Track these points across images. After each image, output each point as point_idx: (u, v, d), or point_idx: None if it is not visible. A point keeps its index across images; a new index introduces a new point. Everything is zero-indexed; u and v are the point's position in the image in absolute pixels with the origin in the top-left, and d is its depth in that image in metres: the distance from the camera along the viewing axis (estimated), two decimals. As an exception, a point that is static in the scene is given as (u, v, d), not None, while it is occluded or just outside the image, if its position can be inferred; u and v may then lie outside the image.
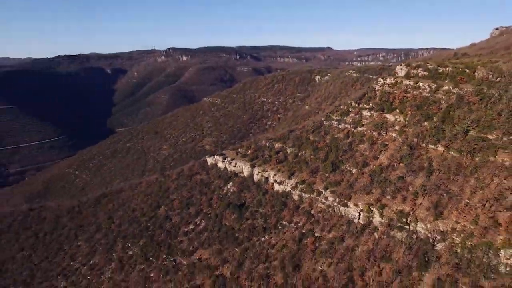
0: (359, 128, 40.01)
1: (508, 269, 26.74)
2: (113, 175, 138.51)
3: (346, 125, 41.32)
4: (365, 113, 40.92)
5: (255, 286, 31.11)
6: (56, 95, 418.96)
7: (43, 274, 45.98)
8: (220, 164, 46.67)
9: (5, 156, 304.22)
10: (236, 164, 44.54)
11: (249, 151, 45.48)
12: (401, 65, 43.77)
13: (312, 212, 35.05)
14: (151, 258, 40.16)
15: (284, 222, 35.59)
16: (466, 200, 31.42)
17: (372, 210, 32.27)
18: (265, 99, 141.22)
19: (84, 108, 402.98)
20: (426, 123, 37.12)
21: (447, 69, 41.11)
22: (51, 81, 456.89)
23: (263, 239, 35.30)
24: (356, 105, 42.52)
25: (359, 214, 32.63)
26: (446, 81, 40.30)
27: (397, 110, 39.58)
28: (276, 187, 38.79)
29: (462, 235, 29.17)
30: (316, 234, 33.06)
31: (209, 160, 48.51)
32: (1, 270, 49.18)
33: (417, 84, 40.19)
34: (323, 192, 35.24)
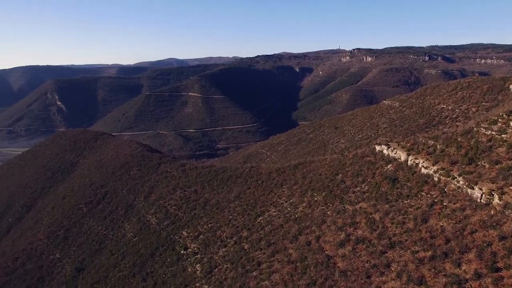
0: (502, 135, 50.13)
1: None
2: (296, 159, 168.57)
3: (491, 132, 51.89)
4: (512, 124, 50.63)
5: (394, 226, 48.76)
6: (255, 89, 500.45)
7: (261, 203, 75.71)
8: (384, 151, 64.36)
9: (216, 134, 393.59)
10: (396, 152, 61.37)
11: (408, 144, 61.24)
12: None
13: (445, 189, 49.18)
14: (328, 203, 62.45)
15: (422, 193, 51.00)
16: None
17: (493, 194, 44.13)
18: (444, 106, 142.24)
19: (275, 101, 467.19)
20: None
21: None
22: (251, 77, 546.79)
23: (405, 201, 51.90)
24: (506, 117, 52.16)
25: (481, 195, 45.03)
26: None
27: (543, 125, 47.89)
28: (423, 170, 54.00)
29: None
30: (444, 203, 47.46)
31: (377, 147, 66.80)
32: (239, 196, 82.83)
33: None
34: (457, 177, 48.62)
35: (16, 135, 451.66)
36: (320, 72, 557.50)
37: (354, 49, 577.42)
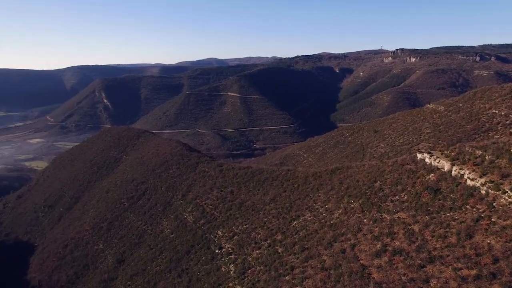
0: (561, 148, 46.40)
1: None
2: (333, 163, 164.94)
3: (549, 144, 48.16)
4: None
5: (434, 239, 46.64)
6: (293, 89, 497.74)
7: (296, 207, 75.45)
8: (426, 160, 61.66)
9: (254, 134, 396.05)
10: (439, 161, 58.56)
11: (453, 153, 58.17)
12: None
13: (494, 204, 46.17)
14: (365, 211, 60.94)
15: (468, 207, 48.24)
16: None
17: (549, 212, 41.03)
18: (496, 111, 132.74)
19: (314, 102, 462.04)
20: None
21: None
22: (290, 77, 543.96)
23: (448, 214, 49.39)
24: None
25: (536, 213, 42.01)
26: None
27: None
28: (468, 182, 51.07)
29: None
30: (492, 219, 44.59)
31: (419, 156, 64.16)
32: (274, 199, 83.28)
33: None
34: (508, 192, 45.46)
35: (67, 130, 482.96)
36: (361, 73, 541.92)
37: (397, 50, 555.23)
